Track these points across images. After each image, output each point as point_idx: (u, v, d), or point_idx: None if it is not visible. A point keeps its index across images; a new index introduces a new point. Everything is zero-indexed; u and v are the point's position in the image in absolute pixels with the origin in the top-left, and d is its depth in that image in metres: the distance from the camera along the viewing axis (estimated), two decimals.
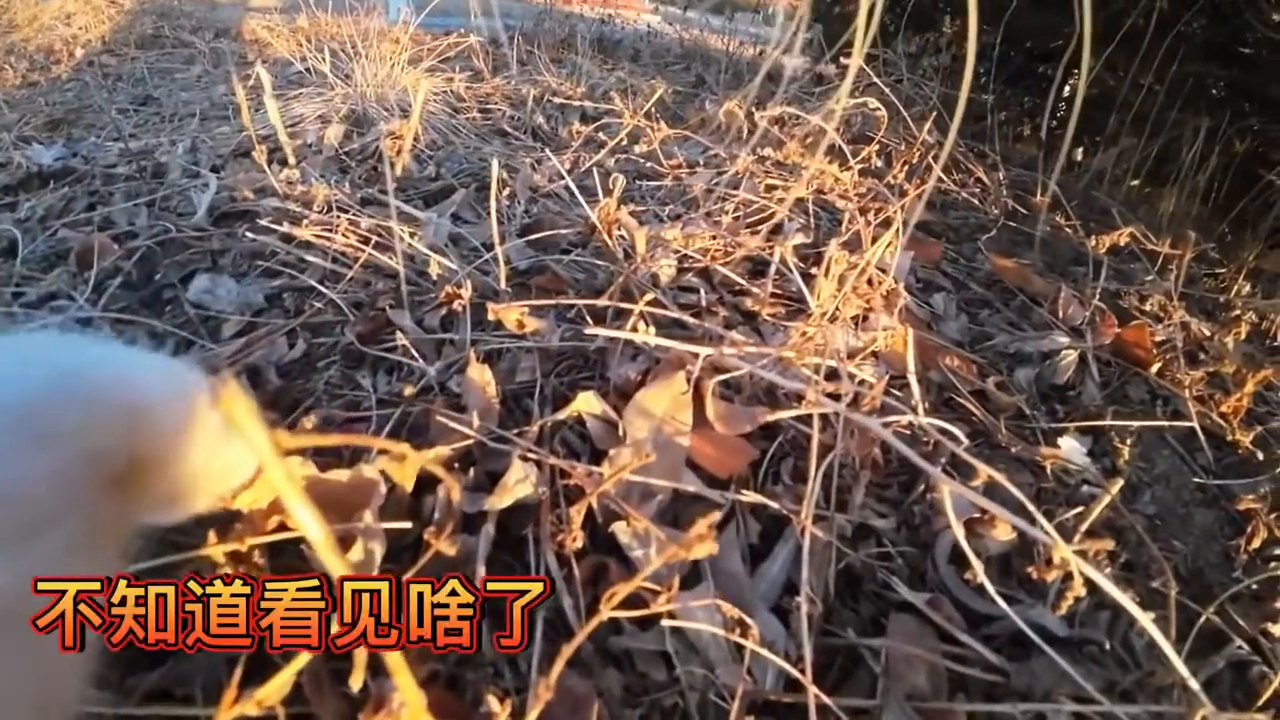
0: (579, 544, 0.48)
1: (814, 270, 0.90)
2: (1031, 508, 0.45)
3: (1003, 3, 1.95)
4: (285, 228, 0.97)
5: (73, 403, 0.26)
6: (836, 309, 0.70)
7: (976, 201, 1.66)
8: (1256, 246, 1.64)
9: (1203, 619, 0.69)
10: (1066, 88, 2.07)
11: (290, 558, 0.48)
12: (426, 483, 0.54)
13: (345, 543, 0.45)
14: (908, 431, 0.64)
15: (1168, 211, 1.77)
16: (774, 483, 0.64)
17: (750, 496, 0.54)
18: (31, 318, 0.85)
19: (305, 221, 0.96)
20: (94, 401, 0.27)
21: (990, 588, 0.51)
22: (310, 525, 0.21)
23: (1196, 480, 0.89)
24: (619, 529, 0.51)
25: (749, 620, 0.44)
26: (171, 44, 2.64)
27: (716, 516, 0.30)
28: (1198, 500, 0.88)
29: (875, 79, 1.61)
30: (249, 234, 0.93)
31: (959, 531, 0.46)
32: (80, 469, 0.25)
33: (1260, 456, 0.92)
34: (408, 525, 0.46)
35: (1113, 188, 1.95)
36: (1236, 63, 1.72)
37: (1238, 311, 1.24)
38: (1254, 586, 0.76)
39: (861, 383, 0.73)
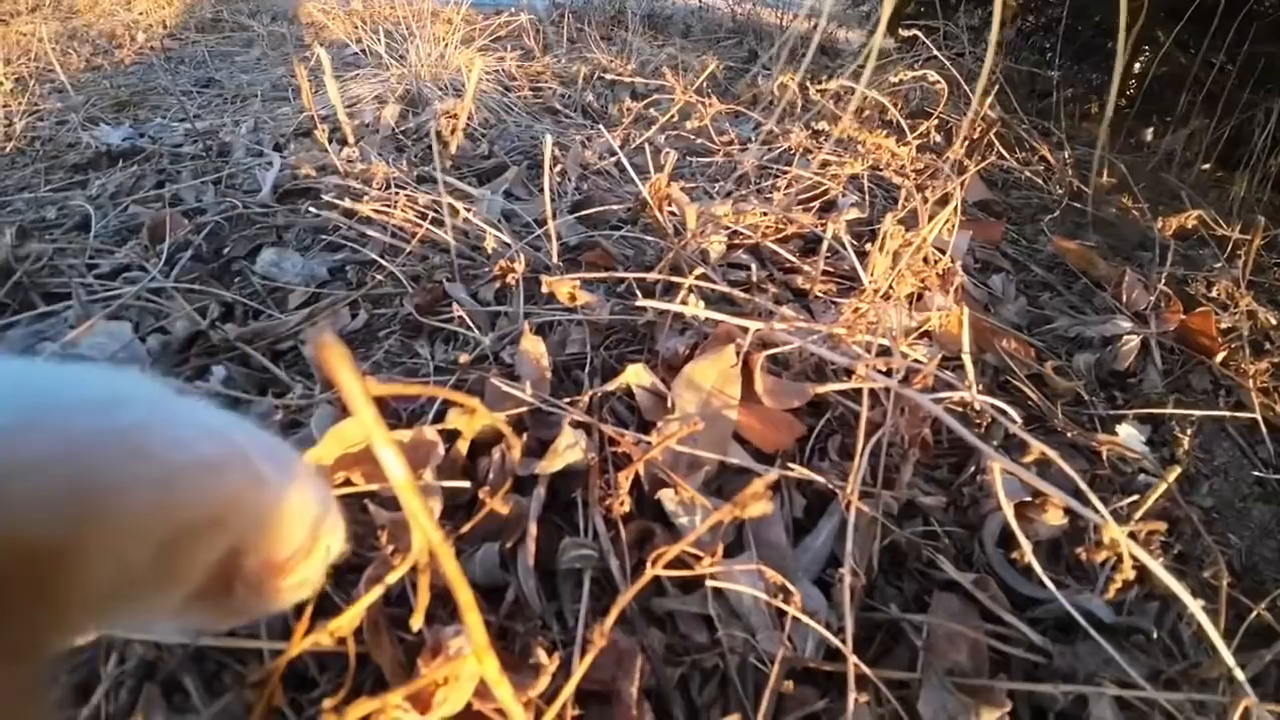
0: (626, 509, 0.50)
1: (868, 248, 0.90)
2: (1085, 487, 0.45)
3: None
4: (346, 204, 1.00)
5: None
6: (890, 286, 0.70)
7: (1040, 181, 1.61)
8: None
9: (1254, 614, 0.67)
10: (1136, 65, 1.98)
11: (354, 511, 0.51)
12: (481, 446, 0.57)
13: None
14: (960, 411, 0.64)
15: (1238, 196, 1.69)
16: (820, 459, 0.64)
17: (797, 471, 0.55)
18: (108, 288, 0.90)
19: (365, 198, 0.99)
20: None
21: (1039, 569, 0.51)
22: (395, 467, 0.22)
23: (1256, 474, 0.86)
24: (665, 496, 0.52)
25: (792, 588, 0.45)
26: (230, 28, 2.72)
27: (773, 476, 0.31)
28: (1256, 495, 0.85)
29: (936, 52, 1.57)
30: (312, 209, 0.96)
31: (1009, 511, 0.46)
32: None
33: None
34: (465, 484, 0.48)
35: (1182, 170, 1.87)
36: None
37: None
38: None
39: (914, 361, 0.72)
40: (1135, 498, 0.73)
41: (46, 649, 0.21)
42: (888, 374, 0.55)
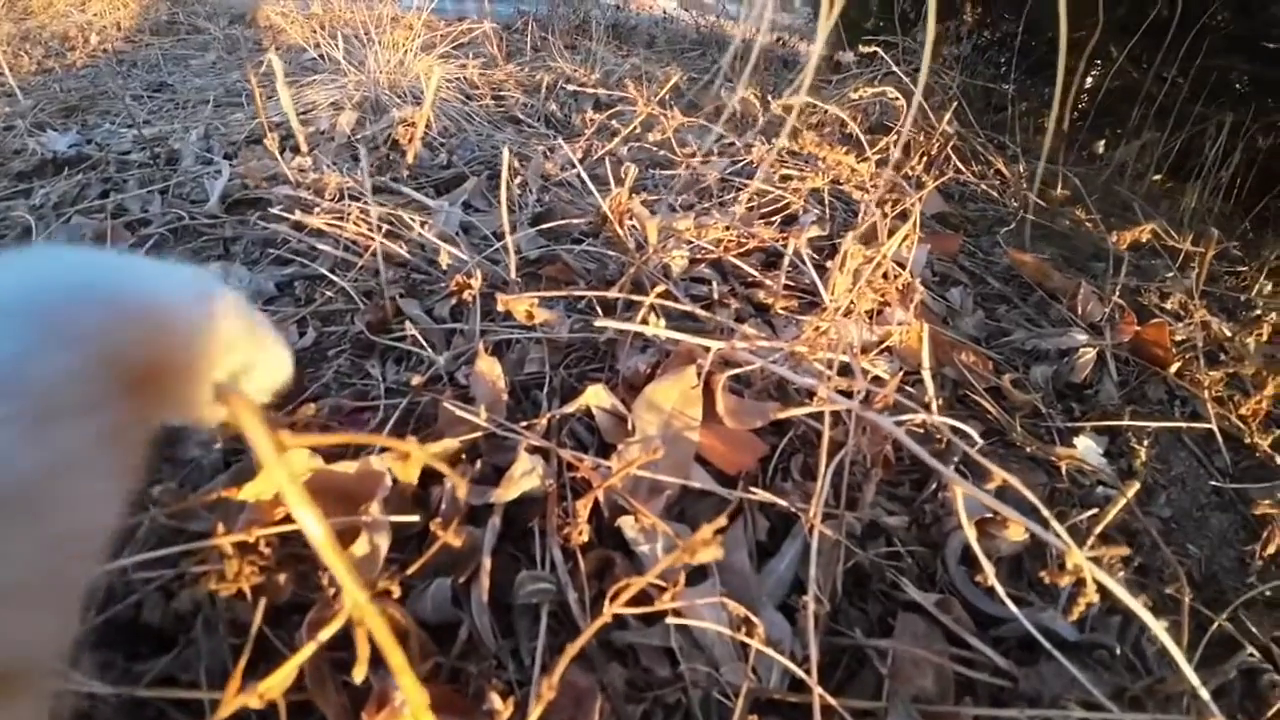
0: (585, 538, 0.48)
1: (829, 263, 0.89)
2: (1045, 511, 0.45)
3: None
4: (297, 215, 0.97)
5: (92, 305, 0.27)
6: (851, 303, 0.69)
7: (996, 194, 1.63)
8: (1278, 245, 1.60)
9: (1215, 626, 0.68)
10: (1089, 79, 2.04)
11: (297, 546, 0.48)
12: (433, 474, 0.54)
13: (350, 535, 0.45)
14: (920, 430, 0.63)
15: (1189, 207, 1.74)
16: (783, 479, 0.63)
17: (759, 495, 0.53)
18: None
19: (317, 209, 0.96)
20: (113, 304, 0.28)
21: (1000, 590, 0.50)
22: (311, 524, 0.20)
23: (1213, 483, 0.88)
24: (625, 524, 0.50)
25: (754, 619, 0.43)
26: (186, 30, 2.65)
27: (723, 521, 0.30)
28: (1214, 504, 0.87)
29: (894, 67, 1.59)
30: (260, 221, 0.93)
31: (970, 533, 0.45)
32: (99, 369, 0.26)
33: (1278, 460, 0.90)
34: (414, 518, 0.46)
35: (1134, 182, 1.92)
36: (1260, 57, 1.68)
37: (1259, 311, 1.21)
38: (1268, 593, 0.75)
39: (875, 379, 0.72)
40: (1095, 511, 0.73)
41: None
42: (849, 395, 0.54)
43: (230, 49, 2.38)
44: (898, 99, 1.32)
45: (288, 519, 0.48)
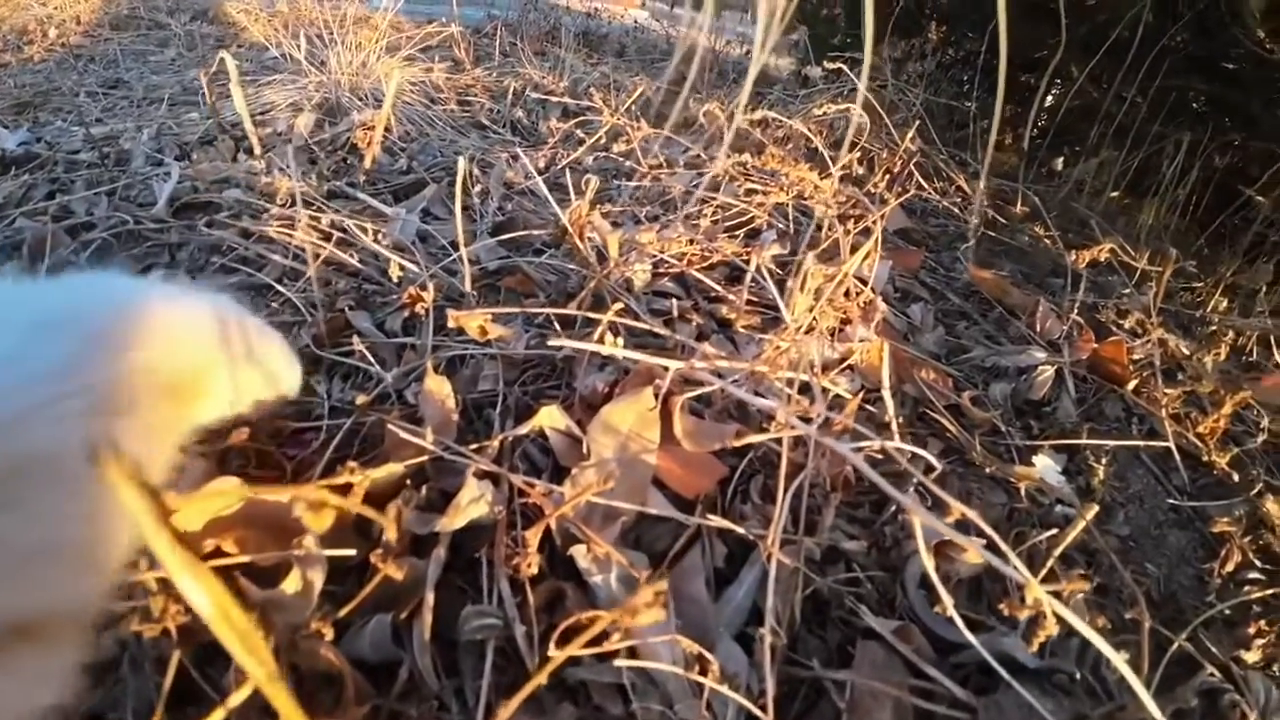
0: (534, 570, 0.46)
1: (791, 280, 0.88)
2: (1004, 545, 0.44)
3: (987, 12, 1.95)
4: (245, 221, 0.93)
5: (129, 322, 0.33)
6: (813, 321, 0.68)
7: (957, 210, 1.65)
8: (1234, 262, 1.65)
9: (1175, 646, 0.68)
10: (1049, 99, 2.08)
11: (227, 578, 0.45)
12: (374, 499, 0.52)
13: (282, 571, 0.43)
14: (880, 455, 0.62)
15: (1146, 224, 1.78)
16: (743, 501, 0.62)
17: (717, 521, 0.52)
18: None
19: (266, 215, 0.92)
20: (146, 323, 0.34)
21: (959, 620, 0.49)
22: (197, 598, 0.18)
23: (1171, 501, 0.89)
24: (578, 553, 0.48)
25: (709, 656, 0.42)
26: (146, 25, 2.57)
27: (663, 586, 0.28)
28: (1171, 521, 0.87)
29: (858, 83, 1.60)
30: (204, 228, 0.89)
31: (929, 564, 0.44)
32: (136, 376, 0.32)
33: (1235, 478, 0.92)
34: (351, 552, 0.43)
35: (1092, 199, 1.96)
36: (1219, 78, 1.73)
37: (1215, 328, 1.24)
38: (1226, 611, 0.76)
39: (835, 398, 0.71)
40: (1054, 532, 0.73)
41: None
42: (808, 420, 0.53)
43: (190, 46, 2.31)
44: (862, 117, 1.32)
45: (218, 552, 0.45)
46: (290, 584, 0.41)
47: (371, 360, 0.62)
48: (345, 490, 0.48)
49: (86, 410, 0.28)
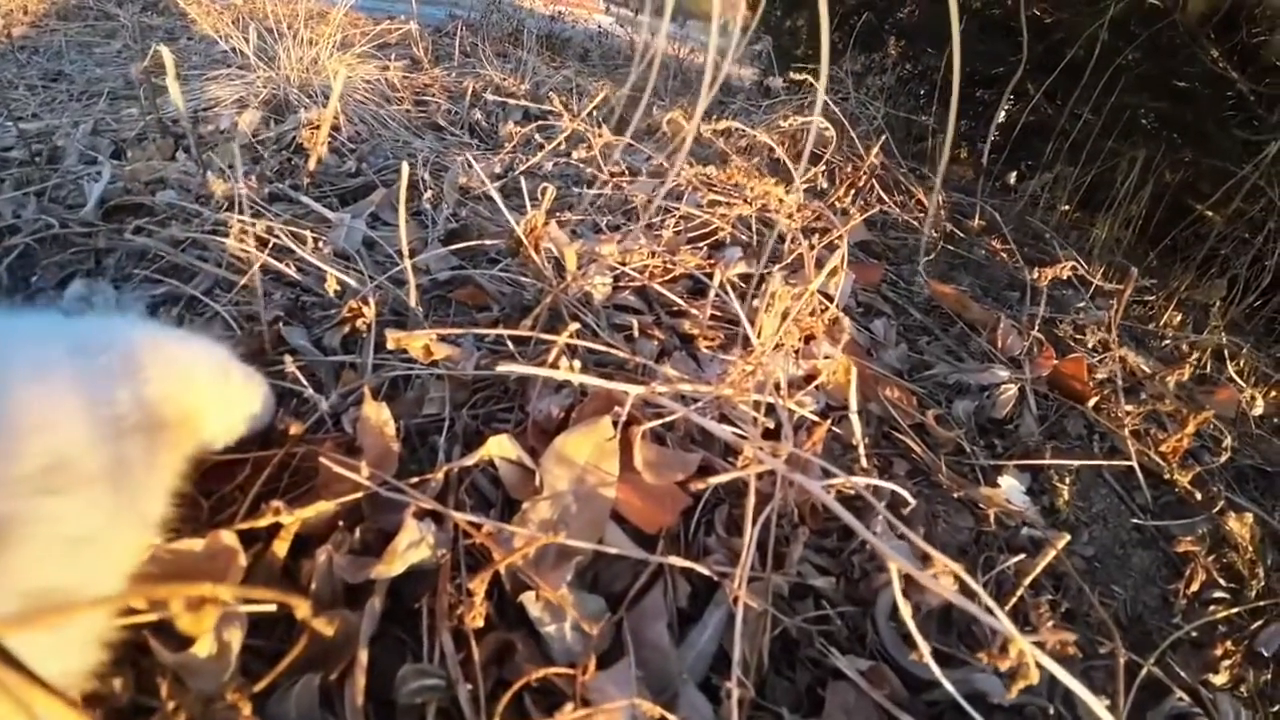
0: (480, 622, 0.41)
1: (755, 294, 0.86)
2: (977, 588, 0.41)
3: (945, 29, 1.97)
4: (179, 226, 0.87)
5: (152, 357, 0.40)
6: (780, 341, 0.65)
7: (916, 223, 1.65)
8: (1186, 276, 1.68)
9: (1144, 671, 0.67)
10: (1004, 114, 2.11)
11: (139, 635, 0.40)
12: (307, 540, 0.47)
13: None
14: (850, 490, 0.59)
15: (1100, 238, 1.81)
16: (707, 533, 0.58)
17: (680, 562, 0.48)
18: None
19: (199, 220, 0.86)
20: (164, 360, 0.41)
21: (934, 665, 0.47)
22: None
23: (1134, 520, 0.88)
24: (528, 601, 0.44)
25: (670, 718, 0.38)
26: (95, 16, 2.44)
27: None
28: (1135, 541, 0.87)
29: (826, 97, 1.59)
30: (128, 234, 0.82)
31: (905, 610, 0.41)
32: (155, 402, 0.38)
33: (1198, 496, 0.92)
34: (272, 607, 0.39)
35: (1046, 213, 1.99)
36: (1171, 96, 1.77)
37: (1175, 346, 1.26)
38: (1194, 633, 0.75)
39: (800, 421, 0.68)
40: (1021, 557, 0.72)
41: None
42: (775, 452, 0.49)
43: (138, 37, 2.20)
44: (827, 128, 1.31)
45: (130, 611, 0.40)
46: (201, 647, 0.36)
47: (304, 381, 0.57)
48: (272, 532, 0.44)
49: (114, 420, 0.35)
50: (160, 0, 2.77)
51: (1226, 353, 1.34)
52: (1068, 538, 0.63)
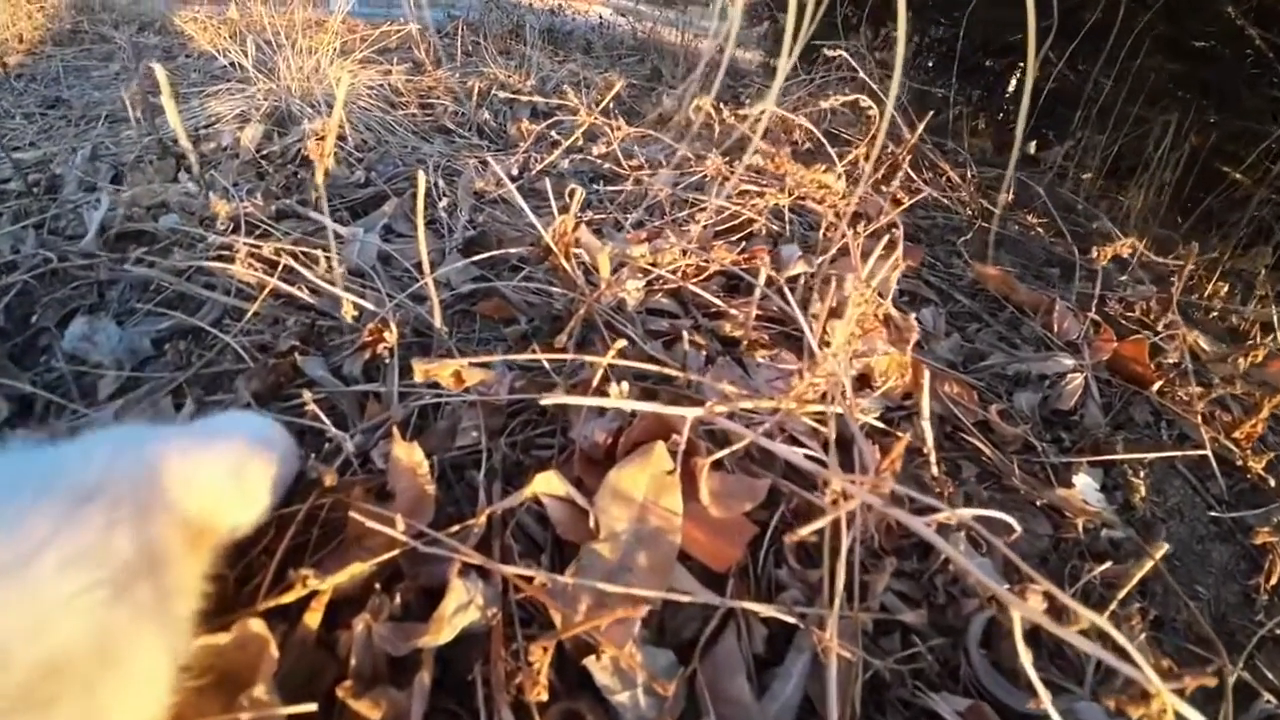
0: (544, 696, 0.36)
1: (817, 301, 0.80)
2: (1119, 636, 0.35)
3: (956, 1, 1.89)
4: (183, 253, 0.82)
5: (159, 484, 0.35)
6: (851, 350, 0.60)
7: (947, 201, 1.58)
8: (1224, 245, 1.60)
9: (1233, 676, 0.62)
10: (1026, 82, 2.02)
11: None
12: (343, 605, 0.42)
13: None
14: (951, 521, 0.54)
15: (1133, 207, 1.73)
16: (777, 564, 0.53)
17: (754, 606, 0.43)
18: None
19: (203, 245, 0.81)
20: (184, 482, 0.37)
21: (1050, 706, 0.41)
22: None
23: (1211, 513, 0.82)
24: (593, 666, 0.39)
25: None
26: (91, 39, 2.41)
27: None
28: (1212, 534, 0.81)
29: (861, 73, 1.52)
30: (128, 266, 0.78)
31: (1025, 659, 0.35)
32: (169, 532, 0.34)
33: (1272, 483, 0.86)
34: (311, 707, 0.33)
35: (1074, 184, 1.91)
36: (1190, 57, 1.68)
37: (1221, 317, 1.18)
38: (1278, 630, 0.70)
39: (864, 429, 0.62)
40: (1107, 565, 0.66)
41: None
42: (856, 482, 0.44)
43: (137, 58, 2.16)
44: (870, 108, 1.24)
45: None
46: None
47: (325, 420, 0.52)
48: (305, 603, 0.39)
49: (112, 599, 0.30)
50: (157, 20, 2.73)
51: (1277, 321, 1.27)
52: (1166, 548, 0.58)
